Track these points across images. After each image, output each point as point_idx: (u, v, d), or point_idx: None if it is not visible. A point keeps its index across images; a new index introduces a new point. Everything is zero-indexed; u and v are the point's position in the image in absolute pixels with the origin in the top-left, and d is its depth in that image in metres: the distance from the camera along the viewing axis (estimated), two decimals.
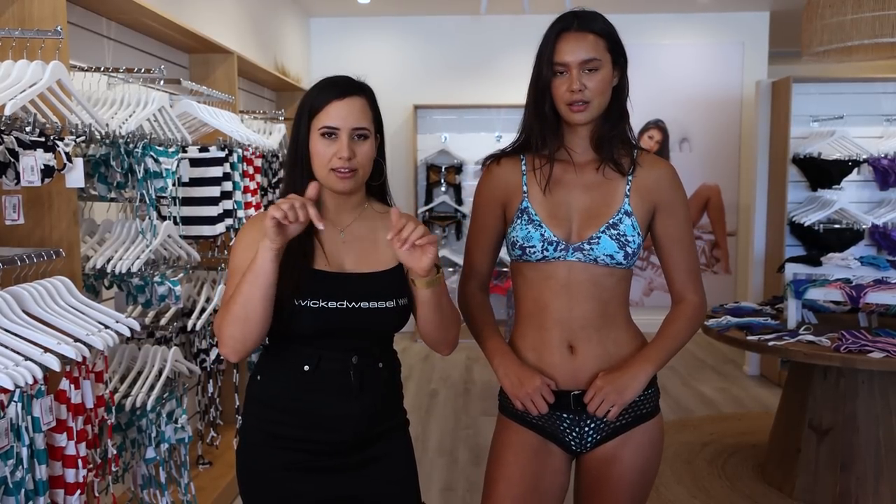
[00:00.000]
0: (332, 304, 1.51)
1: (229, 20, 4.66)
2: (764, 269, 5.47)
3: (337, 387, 1.54)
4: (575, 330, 1.65)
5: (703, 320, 1.74)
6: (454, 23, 6.96)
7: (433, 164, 6.83)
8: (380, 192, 1.67)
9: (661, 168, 1.70)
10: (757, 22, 6.83)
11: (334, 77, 1.58)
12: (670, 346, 1.68)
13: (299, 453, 1.55)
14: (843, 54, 4.09)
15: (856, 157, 5.02)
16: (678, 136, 6.95)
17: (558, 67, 1.61)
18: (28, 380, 1.63)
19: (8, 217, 1.95)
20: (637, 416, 1.67)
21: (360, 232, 1.61)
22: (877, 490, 3.21)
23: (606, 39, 1.62)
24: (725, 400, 4.95)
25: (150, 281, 2.59)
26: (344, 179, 1.52)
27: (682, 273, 1.71)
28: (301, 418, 1.55)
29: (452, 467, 3.79)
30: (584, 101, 1.59)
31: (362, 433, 1.56)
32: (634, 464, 1.67)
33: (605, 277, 1.64)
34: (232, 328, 1.48)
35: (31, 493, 1.68)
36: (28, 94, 1.93)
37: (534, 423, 1.69)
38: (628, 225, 1.63)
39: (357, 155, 1.52)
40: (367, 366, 1.56)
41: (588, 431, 1.67)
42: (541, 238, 1.64)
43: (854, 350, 2.97)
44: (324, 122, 1.52)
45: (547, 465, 1.68)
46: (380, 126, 1.61)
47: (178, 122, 2.89)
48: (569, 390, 1.65)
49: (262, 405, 1.60)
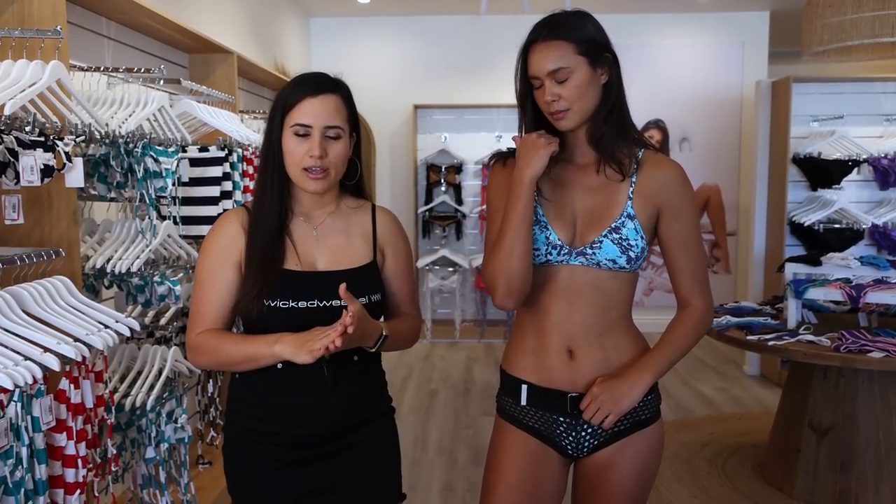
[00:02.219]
0: (303, 304, 1.51)
1: (229, 20, 4.66)
2: (764, 269, 5.47)
3: (311, 382, 1.54)
4: (575, 335, 1.62)
5: (708, 326, 1.68)
6: (454, 23, 6.96)
7: (433, 164, 6.83)
8: (355, 188, 1.66)
9: (667, 169, 1.63)
10: (757, 22, 6.83)
11: (310, 73, 1.56)
12: (671, 355, 1.64)
13: (277, 447, 1.57)
14: (843, 54, 4.09)
15: (856, 157, 5.01)
16: (678, 136, 6.95)
17: (533, 81, 1.59)
18: (28, 379, 1.62)
19: (7, 217, 1.95)
20: (636, 421, 1.65)
21: (333, 229, 1.60)
22: (877, 490, 3.21)
23: (576, 43, 1.54)
24: (725, 400, 4.95)
25: (149, 281, 2.59)
26: (316, 180, 1.51)
27: (687, 277, 1.65)
28: (277, 414, 1.57)
29: (452, 467, 3.79)
30: (562, 110, 1.56)
31: (338, 425, 1.57)
32: (632, 470, 1.64)
33: (607, 282, 1.61)
34: (209, 364, 1.58)
35: (31, 492, 1.68)
36: (27, 94, 1.92)
37: (530, 425, 1.67)
38: (631, 229, 1.59)
39: (329, 154, 1.51)
40: (340, 360, 1.54)
41: (585, 436, 1.65)
42: (545, 241, 1.61)
43: (854, 350, 2.96)
44: (296, 120, 1.51)
45: (545, 469, 1.66)
46: (355, 125, 1.59)
47: (177, 122, 2.88)
48: (566, 391, 1.63)
49: (241, 403, 1.62)
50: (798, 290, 3.34)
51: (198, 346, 1.56)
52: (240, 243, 1.55)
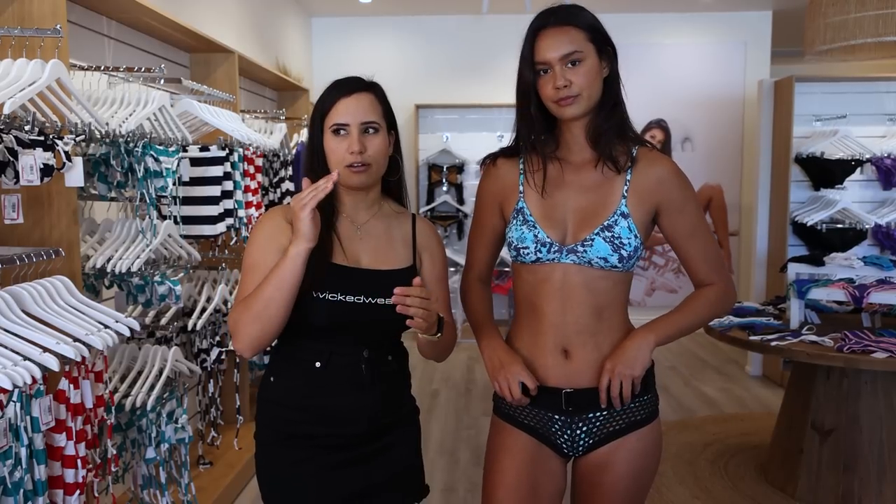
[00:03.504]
0: (350, 297, 1.53)
1: (230, 19, 4.65)
2: (766, 269, 5.45)
3: (349, 381, 1.56)
4: (569, 335, 1.61)
5: (730, 304, 1.67)
6: (456, 22, 6.95)
7: (435, 164, 6.83)
8: (396, 190, 1.70)
9: (661, 166, 1.62)
10: (759, 21, 6.82)
11: (343, 77, 1.61)
12: (681, 321, 1.64)
13: (314, 450, 1.57)
14: (846, 53, 4.07)
15: (859, 157, 5.00)
16: (680, 136, 6.94)
17: (540, 66, 1.57)
18: (27, 379, 1.62)
19: (7, 216, 1.94)
20: (631, 422, 1.63)
21: (375, 230, 1.63)
22: (880, 491, 3.19)
23: (587, 31, 1.56)
24: (728, 400, 4.94)
25: (150, 280, 2.58)
26: (358, 174, 1.54)
27: (702, 264, 1.65)
28: (315, 414, 1.56)
29: (453, 468, 3.78)
30: (572, 96, 1.55)
31: (378, 422, 1.59)
32: (628, 470, 1.63)
33: (600, 281, 1.60)
34: (251, 327, 1.49)
35: (30, 493, 1.68)
36: (27, 93, 1.92)
37: (526, 423, 1.66)
38: (624, 227, 1.58)
39: (368, 149, 1.54)
40: (377, 359, 1.58)
41: (580, 434, 1.64)
42: (534, 239, 1.61)
43: (857, 350, 2.95)
44: (334, 120, 1.55)
45: (544, 469, 1.66)
46: (392, 122, 1.62)
47: (178, 122, 2.88)
48: (560, 388, 1.62)
49: (276, 406, 1.61)
50: (801, 290, 3.33)
51: (234, 320, 1.51)
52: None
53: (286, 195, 4.20)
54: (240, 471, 3.41)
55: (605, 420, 1.63)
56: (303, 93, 5.58)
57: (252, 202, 3.51)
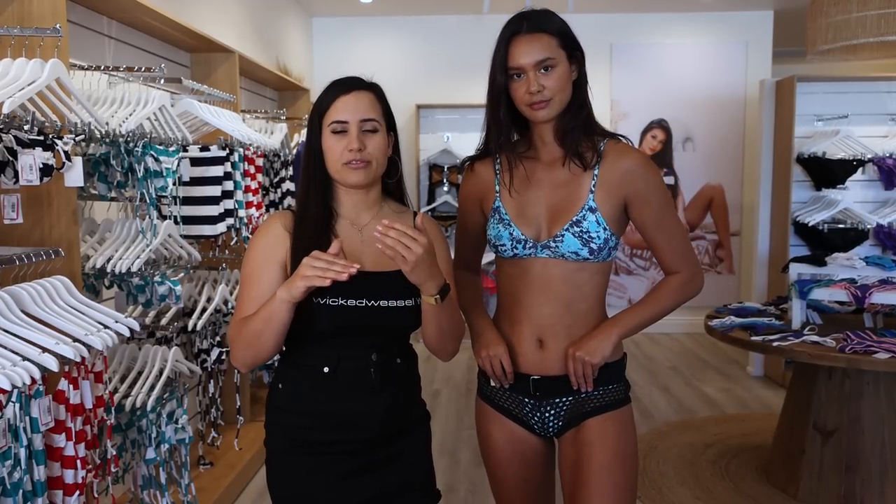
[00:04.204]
0: (352, 302, 1.51)
1: (231, 19, 4.65)
2: (768, 269, 5.44)
3: (358, 385, 1.54)
4: (545, 326, 1.69)
5: (694, 289, 1.75)
6: (456, 22, 6.95)
7: (435, 164, 6.82)
8: (397, 191, 1.68)
9: (628, 159, 1.67)
10: (761, 21, 6.81)
11: (343, 77, 1.60)
12: (645, 313, 1.72)
13: (326, 457, 1.55)
14: (848, 53, 4.06)
15: (860, 157, 4.99)
16: (681, 136, 6.93)
17: (513, 71, 1.63)
18: (26, 380, 1.61)
19: (7, 216, 1.94)
20: (596, 406, 1.71)
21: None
22: (882, 492, 3.19)
23: (558, 37, 1.62)
24: (729, 401, 4.93)
25: (150, 281, 2.58)
26: (356, 170, 1.53)
27: (669, 253, 1.73)
28: (325, 420, 1.55)
29: (454, 468, 3.77)
30: (545, 100, 1.61)
31: (390, 426, 1.57)
32: (605, 443, 1.68)
33: (578, 273, 1.67)
34: (245, 353, 1.52)
35: (30, 493, 1.67)
36: (26, 93, 1.92)
37: (503, 406, 1.76)
38: (592, 221, 1.64)
39: (367, 147, 1.53)
40: (386, 362, 1.57)
41: (549, 417, 1.73)
42: (510, 237, 1.68)
43: (859, 351, 2.95)
44: (332, 118, 1.54)
45: (527, 448, 1.76)
46: (392, 124, 1.62)
47: (178, 121, 2.88)
48: (529, 374, 1.70)
49: (285, 412, 1.59)
50: (802, 290, 3.32)
51: (231, 337, 1.54)
52: (285, 243, 1.55)
53: (287, 195, 4.20)
54: (240, 471, 3.41)
55: (571, 405, 1.71)
56: (303, 93, 5.57)
57: (252, 202, 3.51)
